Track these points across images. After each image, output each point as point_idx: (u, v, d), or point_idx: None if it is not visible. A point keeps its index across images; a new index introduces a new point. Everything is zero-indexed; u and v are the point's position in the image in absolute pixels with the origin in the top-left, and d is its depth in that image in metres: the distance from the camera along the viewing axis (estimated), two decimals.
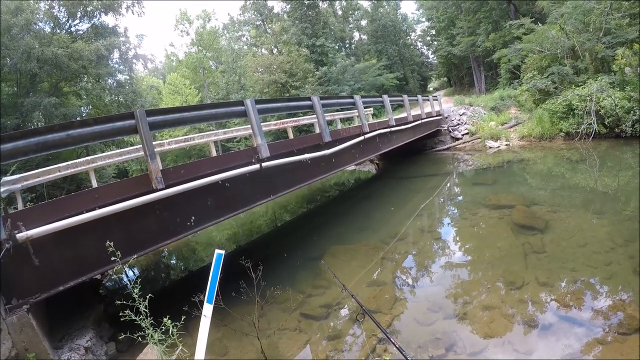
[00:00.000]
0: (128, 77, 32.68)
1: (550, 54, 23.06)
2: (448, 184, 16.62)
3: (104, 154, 11.16)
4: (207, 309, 3.62)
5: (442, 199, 14.50)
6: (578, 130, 18.78)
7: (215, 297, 3.68)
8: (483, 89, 38.95)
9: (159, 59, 63.22)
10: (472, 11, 39.13)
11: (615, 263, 7.25)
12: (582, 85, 19.78)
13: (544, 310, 6.15)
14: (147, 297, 3.74)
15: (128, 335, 3.68)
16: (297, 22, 40.39)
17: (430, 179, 17.49)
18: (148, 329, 3.65)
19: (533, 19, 28.20)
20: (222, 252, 3.67)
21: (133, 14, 31.07)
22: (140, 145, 6.34)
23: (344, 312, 7.00)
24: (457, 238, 10.45)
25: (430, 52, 61.62)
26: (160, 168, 6.05)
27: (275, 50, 44.28)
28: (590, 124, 18.19)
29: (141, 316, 3.64)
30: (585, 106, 18.34)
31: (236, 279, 4.42)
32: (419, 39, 62.73)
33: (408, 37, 58.95)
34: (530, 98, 23.11)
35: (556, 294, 6.49)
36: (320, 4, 43.66)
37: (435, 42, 51.71)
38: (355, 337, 6.20)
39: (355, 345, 5.96)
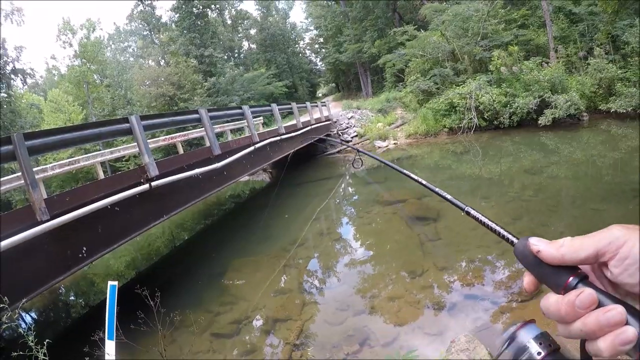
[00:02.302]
0: (6, 95, 30.00)
1: (432, 57, 24.74)
2: (342, 186, 17.08)
3: None
4: (110, 347, 3.29)
5: (337, 201, 14.87)
6: (460, 125, 20.33)
7: (117, 332, 3.41)
8: (370, 92, 40.24)
9: (39, 74, 58.26)
10: (359, 20, 40.57)
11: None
12: (462, 84, 21.70)
13: (449, 291, 6.52)
14: (45, 343, 3.33)
15: None
16: (185, 31, 39.38)
17: (325, 182, 17.85)
18: None
19: (416, 26, 29.87)
20: (116, 283, 3.37)
21: (12, 22, 28.09)
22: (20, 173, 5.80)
23: (256, 324, 6.90)
24: (356, 236, 10.76)
25: (318, 59, 62.67)
26: (45, 197, 5.56)
27: (162, 62, 42.84)
28: (471, 118, 19.77)
29: None
30: (466, 103, 19.95)
31: (139, 308, 4.17)
32: (308, 47, 63.76)
33: (297, 46, 59.76)
34: (414, 99, 24.55)
35: (457, 275, 6.89)
36: (209, 13, 42.96)
37: (324, 50, 52.60)
38: (269, 347, 6.14)
39: (271, 356, 5.90)
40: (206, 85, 36.44)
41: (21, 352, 3.15)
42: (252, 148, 11.57)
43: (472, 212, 0.91)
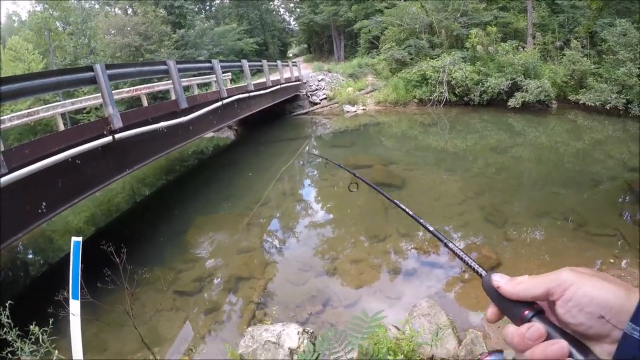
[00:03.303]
0: None
1: (409, 28, 24.72)
2: (307, 148, 17.08)
3: None
4: (74, 306, 3.12)
5: (302, 162, 14.99)
6: (431, 98, 20.60)
7: (81, 291, 3.27)
8: (342, 56, 39.80)
9: None
10: None
11: (467, 213, 8.19)
12: (436, 58, 21.89)
13: (407, 257, 6.75)
14: (7, 304, 3.16)
15: None
16: None
17: (290, 143, 17.80)
18: (15, 341, 3.09)
19: None
20: (80, 239, 3.20)
21: None
22: None
23: (217, 282, 6.95)
24: (320, 199, 10.89)
25: (292, 18, 61.20)
26: (2, 149, 5.31)
27: (130, 10, 40.96)
28: (442, 92, 20.05)
29: (5, 329, 3.08)
30: (438, 76, 20.21)
31: (101, 266, 4.05)
32: (282, 5, 62.00)
33: (271, 3, 57.94)
34: (387, 67, 24.65)
35: (415, 243, 7.09)
36: None
37: (298, 10, 51.36)
38: (232, 305, 6.21)
39: (234, 314, 5.98)
40: (174, 37, 35.03)
41: None
42: (219, 103, 11.38)
43: (450, 244, 0.92)
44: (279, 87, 18.53)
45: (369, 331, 3.17)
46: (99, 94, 7.31)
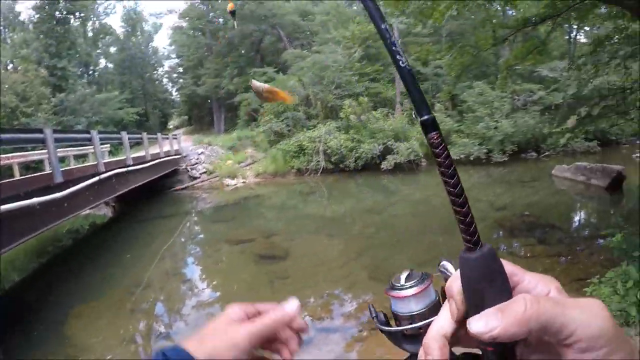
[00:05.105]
0: None
1: None
2: (188, 224, 16.86)
3: None
4: None
5: (183, 239, 14.64)
6: (308, 167, 21.76)
7: None
8: (222, 129, 39.98)
9: None
10: (222, 55, 40.34)
11: (352, 274, 8.50)
12: (313, 128, 23.30)
13: None
14: None
15: None
16: (42, 36, 35.08)
17: (170, 220, 17.33)
18: None
19: (276, 69, 31.44)
20: None
21: None
22: None
23: None
24: (204, 276, 10.62)
25: (174, 89, 60.85)
26: None
27: (10, 66, 38.12)
28: (318, 161, 21.07)
29: None
30: (315, 146, 21.44)
31: None
32: (166, 75, 61.44)
33: (155, 72, 57.31)
34: (265, 139, 25.55)
35: (307, 311, 7.12)
36: (72, 20, 38.99)
37: (182, 80, 51.31)
38: None
39: None
40: (53, 102, 32.78)
41: None
42: (97, 178, 10.88)
43: None
44: (158, 160, 18.33)
45: None
46: None
